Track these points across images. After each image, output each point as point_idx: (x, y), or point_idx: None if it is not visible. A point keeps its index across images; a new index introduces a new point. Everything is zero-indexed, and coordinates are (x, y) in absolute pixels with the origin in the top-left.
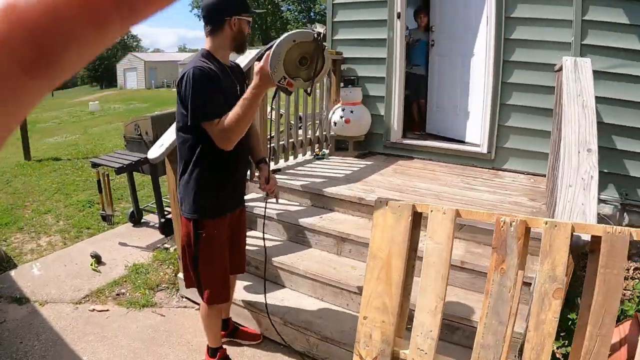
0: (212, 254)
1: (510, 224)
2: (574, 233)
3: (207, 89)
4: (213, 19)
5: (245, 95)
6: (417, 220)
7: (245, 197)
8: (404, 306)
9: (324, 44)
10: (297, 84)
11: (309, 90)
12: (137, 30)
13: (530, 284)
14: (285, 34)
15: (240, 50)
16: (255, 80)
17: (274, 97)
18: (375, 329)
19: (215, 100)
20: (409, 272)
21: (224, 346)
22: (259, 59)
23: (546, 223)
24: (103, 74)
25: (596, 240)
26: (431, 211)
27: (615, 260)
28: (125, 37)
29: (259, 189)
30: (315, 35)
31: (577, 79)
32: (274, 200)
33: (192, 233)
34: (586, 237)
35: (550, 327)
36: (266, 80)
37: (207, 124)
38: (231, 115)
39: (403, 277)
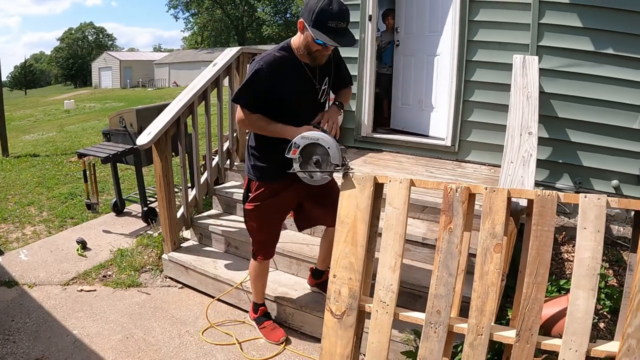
0: (259, 215)
1: (456, 190)
2: (512, 198)
3: (254, 84)
4: (301, 15)
5: (276, 127)
6: (379, 191)
7: (224, 185)
8: (369, 266)
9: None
10: (295, 162)
11: (292, 170)
12: (112, 29)
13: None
14: (334, 143)
15: (311, 60)
16: (291, 130)
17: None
18: (344, 285)
19: (252, 93)
20: (372, 237)
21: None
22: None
23: (486, 189)
24: (77, 73)
25: (531, 204)
26: (389, 181)
27: (545, 218)
28: (100, 36)
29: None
30: (340, 168)
31: (524, 74)
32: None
33: (244, 191)
34: (523, 202)
35: (493, 277)
36: (290, 135)
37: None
38: (261, 122)
39: (367, 239)
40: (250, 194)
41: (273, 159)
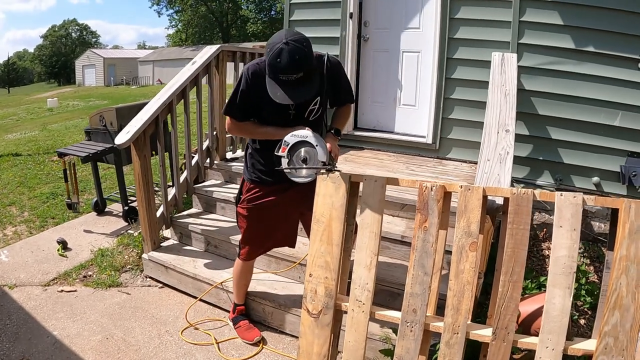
0: (248, 217)
1: (431, 189)
2: (488, 197)
3: (239, 94)
4: None
5: (266, 129)
6: (355, 190)
7: (204, 183)
8: (345, 265)
9: (323, 172)
10: (284, 158)
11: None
12: (96, 26)
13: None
14: (322, 142)
15: None
16: (280, 130)
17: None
18: (320, 284)
19: (236, 104)
20: (348, 235)
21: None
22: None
23: (461, 187)
24: (60, 71)
25: (507, 202)
26: (365, 180)
27: (521, 217)
28: (84, 33)
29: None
30: (326, 166)
31: (503, 72)
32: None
33: (238, 191)
34: (499, 200)
35: (469, 275)
36: (281, 135)
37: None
38: (249, 126)
39: (342, 238)
40: (241, 195)
41: (273, 162)
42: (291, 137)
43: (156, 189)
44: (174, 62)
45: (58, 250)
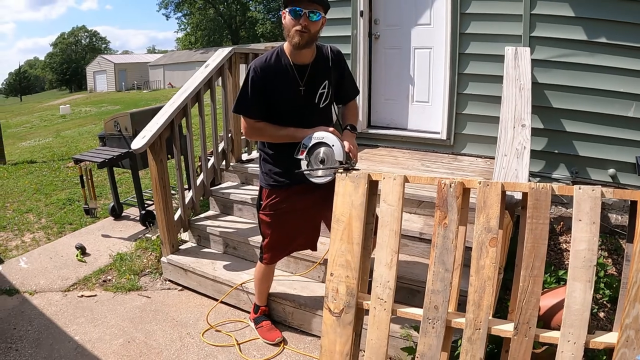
0: (270, 223)
1: (450, 185)
2: (506, 192)
3: (249, 88)
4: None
5: (287, 131)
6: (374, 188)
7: (221, 185)
8: (366, 264)
9: (341, 172)
10: (303, 161)
11: (300, 170)
12: (105, 32)
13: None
14: (339, 142)
15: (295, 45)
16: (302, 132)
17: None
18: (341, 283)
19: (248, 99)
20: (368, 234)
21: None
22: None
23: (480, 183)
24: (72, 77)
25: (526, 197)
26: (384, 178)
27: (540, 211)
28: (94, 39)
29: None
30: (344, 165)
31: (517, 66)
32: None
33: (257, 199)
34: (518, 195)
35: (489, 271)
36: (300, 137)
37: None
38: (269, 129)
39: (363, 237)
40: (262, 202)
41: (287, 164)
42: (309, 140)
43: (172, 192)
44: (185, 65)
45: (77, 255)
